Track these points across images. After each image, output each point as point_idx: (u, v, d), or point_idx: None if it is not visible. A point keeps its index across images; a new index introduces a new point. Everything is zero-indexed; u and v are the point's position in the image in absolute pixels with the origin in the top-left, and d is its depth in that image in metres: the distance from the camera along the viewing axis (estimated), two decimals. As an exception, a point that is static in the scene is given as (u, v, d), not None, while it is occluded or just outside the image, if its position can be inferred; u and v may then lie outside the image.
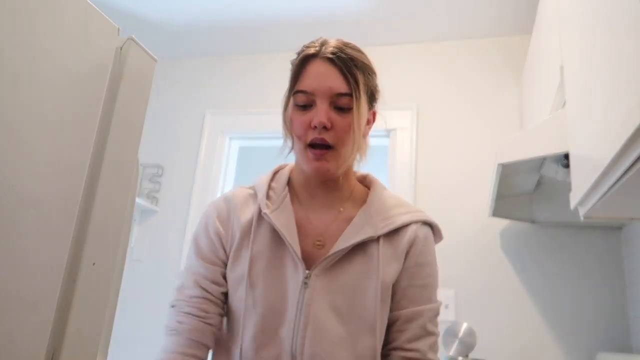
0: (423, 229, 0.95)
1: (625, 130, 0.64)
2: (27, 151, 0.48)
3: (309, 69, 0.88)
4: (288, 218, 0.90)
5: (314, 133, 0.85)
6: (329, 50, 0.87)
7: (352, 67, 0.87)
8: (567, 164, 1.28)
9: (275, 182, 0.97)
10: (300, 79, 0.89)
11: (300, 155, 0.90)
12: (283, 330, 0.84)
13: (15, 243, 0.47)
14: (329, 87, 0.86)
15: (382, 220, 0.91)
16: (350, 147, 0.88)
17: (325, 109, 0.85)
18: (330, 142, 0.86)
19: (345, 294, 0.86)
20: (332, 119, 0.86)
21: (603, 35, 0.81)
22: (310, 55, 0.89)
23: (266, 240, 0.90)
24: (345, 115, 0.87)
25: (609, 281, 1.85)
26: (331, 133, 0.85)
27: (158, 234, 2.44)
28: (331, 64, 0.87)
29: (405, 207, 0.96)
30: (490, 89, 2.23)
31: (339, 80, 0.86)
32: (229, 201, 0.95)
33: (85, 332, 0.55)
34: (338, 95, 0.86)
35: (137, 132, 0.63)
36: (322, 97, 0.86)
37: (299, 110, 0.88)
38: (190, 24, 2.42)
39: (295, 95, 0.89)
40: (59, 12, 0.52)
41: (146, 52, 0.63)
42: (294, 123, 0.88)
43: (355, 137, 0.87)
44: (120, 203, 0.60)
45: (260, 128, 2.48)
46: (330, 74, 0.87)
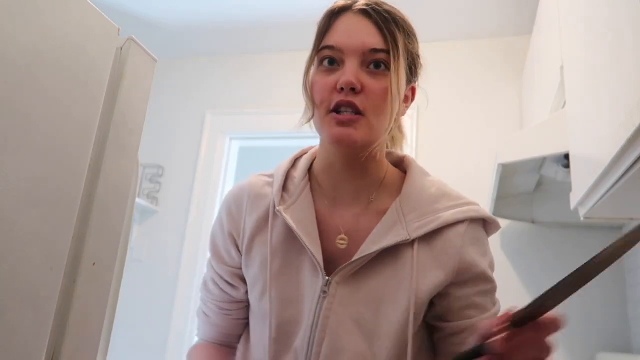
0: (474, 230, 0.76)
1: (625, 130, 0.64)
2: (27, 151, 0.48)
3: (338, 23, 0.74)
4: (307, 213, 0.77)
5: (339, 95, 0.70)
6: (362, 3, 0.73)
7: (390, 23, 0.72)
8: (567, 164, 1.28)
9: (294, 169, 0.83)
10: (328, 34, 0.74)
11: (321, 122, 0.73)
12: (297, 341, 0.74)
13: (15, 243, 0.47)
14: (362, 40, 0.71)
15: (418, 217, 0.74)
16: (386, 118, 0.71)
17: (355, 67, 0.70)
18: (360, 107, 0.69)
19: (371, 306, 0.73)
20: (363, 80, 0.70)
21: (603, 35, 0.81)
22: (340, 9, 0.74)
23: (282, 237, 0.77)
24: (379, 76, 0.71)
25: (609, 281, 1.84)
26: (361, 97, 0.70)
27: (158, 234, 2.44)
28: (365, 17, 0.72)
29: (450, 198, 0.78)
30: (490, 89, 2.23)
31: (374, 34, 0.71)
32: (242, 193, 0.83)
33: (85, 332, 0.55)
34: (372, 51, 0.70)
35: (137, 132, 0.63)
36: (352, 54, 0.70)
37: (323, 71, 0.73)
38: (190, 24, 2.42)
39: (320, 52, 0.73)
40: (59, 12, 0.52)
41: (146, 52, 0.63)
42: (315, 86, 0.72)
43: (393, 104, 0.71)
44: (120, 203, 0.60)
45: (260, 128, 2.48)
46: (364, 27, 0.72)
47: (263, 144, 2.65)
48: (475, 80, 2.26)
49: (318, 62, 0.74)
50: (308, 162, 0.83)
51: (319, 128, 0.74)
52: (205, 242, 2.34)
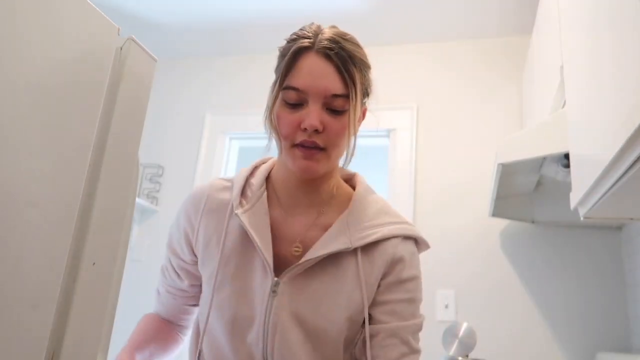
0: (405, 246, 0.86)
1: (625, 130, 0.64)
2: (27, 151, 0.48)
3: (302, 63, 0.79)
4: (261, 219, 0.84)
5: (303, 135, 0.78)
6: (324, 44, 0.78)
7: (349, 65, 0.79)
8: (567, 164, 1.28)
9: (253, 177, 0.90)
10: (292, 74, 0.79)
11: (286, 153, 0.82)
12: (251, 336, 0.82)
13: (15, 243, 0.47)
14: (325, 86, 0.78)
15: (360, 231, 0.84)
16: (343, 149, 0.83)
17: (318, 110, 0.78)
18: (322, 144, 0.79)
19: (311, 305, 0.81)
20: (325, 121, 0.78)
21: (603, 35, 0.81)
22: (304, 48, 0.79)
23: (237, 240, 0.85)
24: (339, 117, 0.79)
25: (609, 281, 1.85)
26: (323, 136, 0.78)
27: (158, 234, 2.44)
28: (327, 60, 0.78)
29: (389, 216, 0.88)
30: (491, 88, 2.23)
31: (335, 80, 0.78)
32: (202, 194, 0.90)
33: (85, 332, 0.55)
34: (333, 96, 0.78)
35: (137, 132, 0.63)
36: (315, 97, 0.78)
37: (288, 108, 0.80)
38: (190, 24, 2.42)
39: (285, 91, 0.80)
40: (59, 12, 0.52)
41: (146, 52, 0.63)
42: (281, 121, 0.80)
43: (348, 140, 0.81)
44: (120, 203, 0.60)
45: (260, 128, 2.45)
46: (326, 71, 0.78)
47: (263, 144, 2.65)
48: (475, 80, 2.26)
49: (282, 99, 0.81)
50: (266, 171, 0.91)
51: (284, 155, 0.83)
52: (205, 242, 2.34)
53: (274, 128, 0.83)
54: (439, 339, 1.70)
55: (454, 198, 2.11)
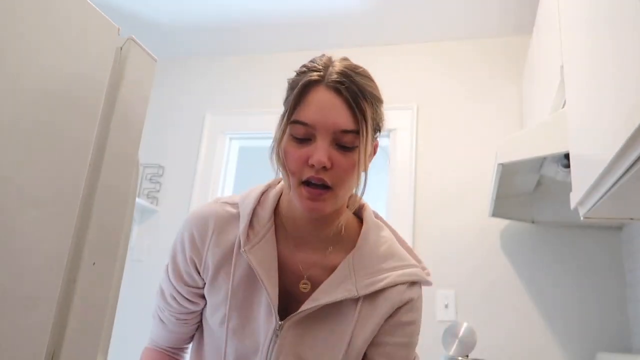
0: (411, 292, 0.85)
1: (625, 130, 0.64)
2: (27, 151, 0.48)
3: (311, 96, 0.76)
4: (269, 254, 0.82)
5: (310, 171, 0.75)
6: (334, 77, 0.75)
7: (360, 100, 0.76)
8: (567, 164, 1.28)
9: (261, 207, 0.86)
10: (300, 107, 0.76)
11: (293, 191, 0.78)
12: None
13: (15, 243, 0.47)
14: (333, 121, 0.74)
15: (366, 276, 0.82)
16: (352, 187, 0.79)
17: (327, 146, 0.74)
18: (329, 182, 0.75)
19: (312, 348, 0.81)
20: (333, 157, 0.75)
21: (603, 35, 0.81)
22: (313, 82, 0.77)
23: (245, 274, 0.83)
24: (348, 153, 0.76)
25: (609, 281, 1.85)
26: (331, 173, 0.75)
27: (158, 234, 2.44)
28: (337, 94, 0.75)
29: (396, 259, 0.85)
30: (491, 88, 2.23)
31: (345, 115, 0.75)
32: (207, 223, 0.86)
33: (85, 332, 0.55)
34: (343, 132, 0.75)
35: (137, 132, 0.63)
36: (323, 132, 0.75)
37: (295, 142, 0.76)
38: (190, 24, 2.42)
39: (293, 125, 0.76)
40: (59, 12, 0.52)
41: (146, 52, 0.63)
42: (289, 156, 0.77)
43: (359, 175, 0.78)
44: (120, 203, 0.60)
45: (260, 128, 2.48)
46: (336, 106, 0.75)
47: (263, 144, 2.64)
48: (475, 80, 2.26)
49: (290, 133, 0.77)
50: (275, 201, 0.87)
51: (291, 192, 0.79)
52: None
53: (282, 163, 0.79)
54: (439, 339, 1.70)
55: (454, 198, 2.11)
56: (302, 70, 0.81)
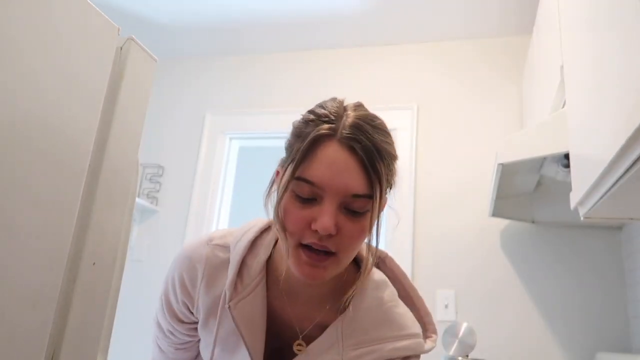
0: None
1: (625, 130, 0.64)
2: (27, 150, 0.48)
3: (321, 152, 0.66)
4: (257, 312, 0.75)
5: (312, 236, 0.66)
6: (348, 132, 0.66)
7: (376, 161, 0.66)
8: (567, 164, 1.28)
9: (252, 256, 0.77)
10: (308, 164, 0.67)
11: (290, 252, 0.69)
12: None
13: (15, 243, 0.47)
14: (345, 184, 0.65)
15: (354, 346, 0.73)
16: (355, 253, 0.72)
17: (334, 210, 0.66)
18: (333, 249, 0.67)
19: None
20: (341, 223, 0.66)
21: (603, 34, 0.81)
22: (325, 136, 0.67)
23: (230, 328, 0.76)
24: (358, 218, 0.67)
25: (609, 281, 1.85)
26: (335, 239, 0.67)
27: (158, 234, 2.44)
28: (351, 153, 0.66)
29: (392, 327, 0.75)
30: (491, 88, 2.23)
31: (358, 177, 0.66)
32: (196, 267, 0.79)
33: (85, 332, 0.55)
34: (354, 196, 0.66)
35: (137, 132, 0.63)
36: (332, 195, 0.66)
37: (298, 201, 0.67)
38: (190, 24, 2.42)
39: (298, 182, 0.67)
40: (59, 12, 0.52)
41: (146, 52, 0.63)
42: (289, 216, 0.68)
43: (361, 244, 0.71)
44: (120, 203, 0.60)
45: (260, 128, 2.48)
46: (349, 166, 0.66)
47: (263, 144, 2.65)
48: (475, 80, 2.26)
49: (293, 188, 0.68)
50: (269, 249, 0.78)
51: (287, 253, 0.70)
52: (205, 242, 2.34)
53: (280, 221, 0.70)
54: (439, 339, 1.70)
55: (454, 198, 2.11)
56: (310, 118, 0.70)
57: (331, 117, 0.68)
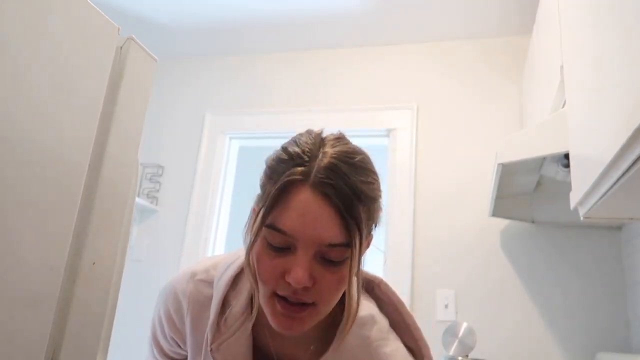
0: None
1: (625, 130, 0.64)
2: (27, 151, 0.48)
3: (292, 199, 0.61)
4: (241, 354, 0.71)
5: (287, 287, 0.61)
6: (322, 176, 0.60)
7: (353, 205, 0.61)
8: (567, 164, 1.28)
9: (235, 293, 0.73)
10: (278, 210, 0.61)
11: (263, 302, 0.65)
12: None
13: (15, 243, 0.47)
14: (319, 234, 0.60)
15: None
16: (336, 301, 0.66)
17: (308, 261, 0.60)
18: (310, 300, 0.63)
19: None
20: (317, 274, 0.61)
21: (603, 34, 0.81)
22: (297, 181, 0.61)
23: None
24: (335, 268, 0.62)
25: (609, 281, 1.85)
26: (312, 291, 0.62)
27: (158, 234, 2.44)
28: (324, 199, 0.60)
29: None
30: (491, 88, 2.23)
31: (333, 226, 0.60)
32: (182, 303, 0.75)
33: (85, 332, 0.55)
34: (330, 246, 0.61)
35: (137, 132, 0.63)
36: (306, 245, 0.60)
37: (271, 250, 0.62)
38: (190, 24, 2.42)
39: (269, 229, 0.62)
40: (59, 11, 0.52)
41: (146, 52, 0.63)
42: (261, 266, 0.63)
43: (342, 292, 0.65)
44: (120, 203, 0.60)
45: (260, 128, 2.48)
46: (322, 215, 0.60)
47: (263, 144, 2.65)
48: (475, 80, 2.26)
49: (265, 235, 0.63)
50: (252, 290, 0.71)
51: (261, 302, 0.66)
52: (205, 241, 2.34)
53: (251, 270, 0.65)
54: (439, 339, 1.70)
55: (454, 198, 2.11)
56: (282, 157, 0.65)
57: (304, 158, 0.62)
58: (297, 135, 0.68)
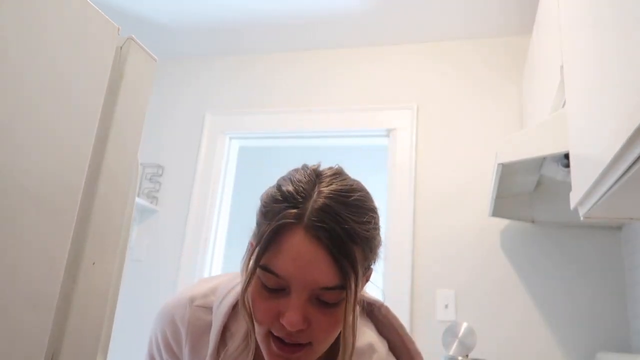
0: None
1: (625, 130, 0.64)
2: (27, 151, 0.48)
3: (286, 242, 0.60)
4: None
5: (282, 329, 0.61)
6: (315, 219, 0.59)
7: (348, 248, 0.60)
8: (567, 164, 1.28)
9: (235, 321, 0.72)
10: (272, 253, 0.61)
11: (260, 340, 0.65)
12: None
13: (15, 243, 0.47)
14: (312, 278, 0.59)
15: None
16: (332, 340, 0.65)
17: (303, 304, 0.60)
18: (305, 341, 0.62)
19: None
20: (312, 316, 0.61)
21: (603, 34, 0.81)
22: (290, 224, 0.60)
23: None
24: (331, 310, 0.62)
25: (609, 281, 1.85)
26: (307, 332, 0.61)
27: (158, 233, 2.44)
28: (318, 243, 0.59)
29: None
30: (491, 88, 2.23)
31: (327, 270, 0.59)
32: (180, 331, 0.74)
33: (85, 332, 0.55)
34: (324, 289, 0.60)
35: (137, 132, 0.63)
36: (300, 288, 0.60)
37: (265, 291, 0.62)
38: (190, 24, 2.42)
39: (263, 271, 0.62)
40: (59, 11, 0.52)
41: (146, 52, 0.63)
42: (256, 306, 0.63)
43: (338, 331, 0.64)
44: (120, 203, 0.60)
45: (260, 128, 2.48)
46: (316, 259, 0.59)
47: (263, 144, 2.65)
48: (475, 80, 2.26)
49: (259, 276, 0.63)
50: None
51: (257, 340, 0.66)
52: (205, 241, 2.34)
53: (247, 310, 0.64)
54: (439, 338, 1.70)
55: (454, 198, 2.11)
56: (277, 196, 0.64)
57: (298, 199, 0.61)
58: (293, 171, 0.68)
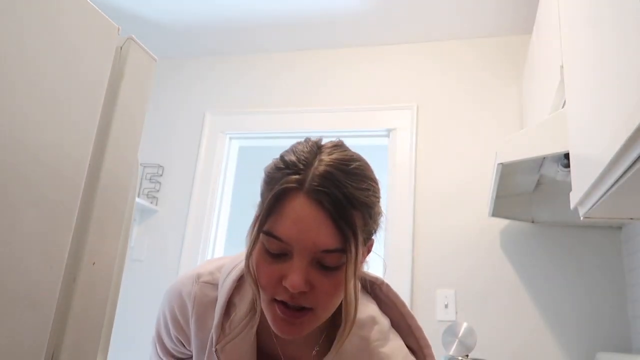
0: None
1: (625, 130, 0.64)
2: (27, 151, 0.48)
3: (287, 207, 0.63)
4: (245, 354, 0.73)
5: (285, 292, 0.63)
6: (316, 184, 0.62)
7: (348, 212, 0.62)
8: (567, 164, 1.28)
9: (239, 295, 0.74)
10: (274, 218, 0.63)
11: (264, 305, 0.67)
12: None
13: (15, 243, 0.47)
14: (313, 241, 0.62)
15: None
16: (335, 307, 0.68)
17: (305, 267, 0.62)
18: (308, 305, 0.64)
19: None
20: (313, 279, 0.63)
21: (603, 34, 0.81)
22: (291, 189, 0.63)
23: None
24: (332, 273, 0.64)
25: (609, 281, 1.85)
26: (310, 295, 0.63)
27: (158, 233, 2.44)
28: (318, 206, 0.61)
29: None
30: (491, 88, 2.23)
31: (328, 232, 0.62)
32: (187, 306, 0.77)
33: (85, 332, 0.55)
34: (325, 252, 0.62)
35: (137, 132, 0.63)
36: (301, 252, 0.62)
37: (268, 256, 0.64)
38: (190, 24, 2.42)
39: (266, 236, 0.64)
40: (59, 11, 0.52)
41: (146, 52, 0.63)
42: (260, 271, 0.65)
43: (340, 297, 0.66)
44: (120, 203, 0.60)
45: (260, 128, 2.48)
46: (316, 222, 0.61)
47: (263, 144, 2.65)
48: (475, 80, 2.26)
49: (263, 242, 0.65)
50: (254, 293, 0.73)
51: (262, 306, 0.68)
52: (205, 241, 2.34)
53: (252, 276, 0.67)
54: (438, 338, 1.70)
55: (453, 198, 2.11)
56: (279, 165, 0.66)
57: (299, 167, 0.64)
58: (296, 143, 0.70)
